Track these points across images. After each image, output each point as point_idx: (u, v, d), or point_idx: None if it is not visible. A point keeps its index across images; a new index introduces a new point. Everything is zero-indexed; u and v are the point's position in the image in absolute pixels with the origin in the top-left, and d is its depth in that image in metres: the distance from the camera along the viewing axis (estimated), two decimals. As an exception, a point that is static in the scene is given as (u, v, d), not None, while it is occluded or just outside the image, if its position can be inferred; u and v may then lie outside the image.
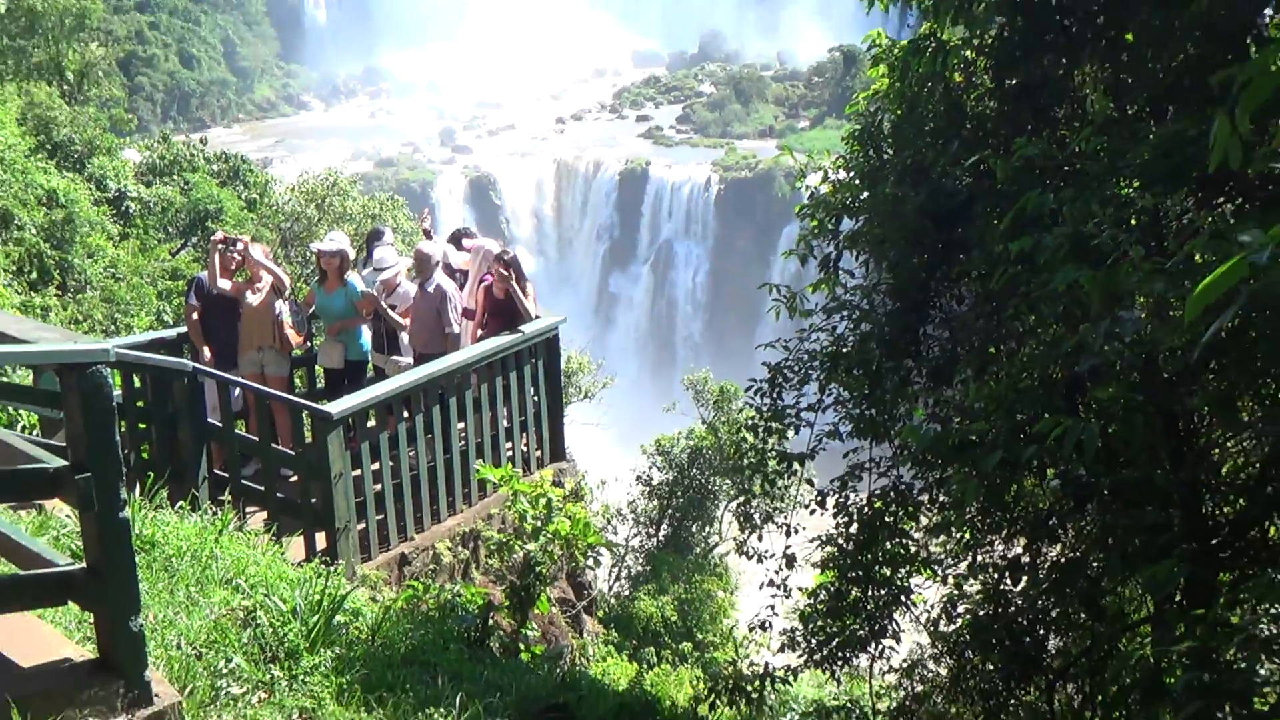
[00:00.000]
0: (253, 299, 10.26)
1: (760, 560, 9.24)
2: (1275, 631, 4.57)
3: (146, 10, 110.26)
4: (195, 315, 10.40)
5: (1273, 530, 5.58)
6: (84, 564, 4.34)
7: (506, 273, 10.39)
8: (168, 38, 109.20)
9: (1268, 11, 5.71)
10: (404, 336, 10.51)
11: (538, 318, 10.55)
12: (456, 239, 11.80)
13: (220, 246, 10.33)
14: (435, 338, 10.15)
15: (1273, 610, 4.64)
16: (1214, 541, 5.56)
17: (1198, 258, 4.41)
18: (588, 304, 78.06)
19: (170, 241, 25.99)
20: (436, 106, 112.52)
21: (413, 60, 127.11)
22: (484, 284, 10.66)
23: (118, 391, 5.02)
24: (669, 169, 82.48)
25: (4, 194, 21.17)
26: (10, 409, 10.29)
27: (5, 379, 9.01)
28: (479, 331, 10.57)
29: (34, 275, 20.89)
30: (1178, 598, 5.38)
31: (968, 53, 7.19)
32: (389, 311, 10.40)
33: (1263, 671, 4.48)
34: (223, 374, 9.17)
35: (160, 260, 24.38)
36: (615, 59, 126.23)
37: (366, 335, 10.63)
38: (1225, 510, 5.77)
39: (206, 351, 10.19)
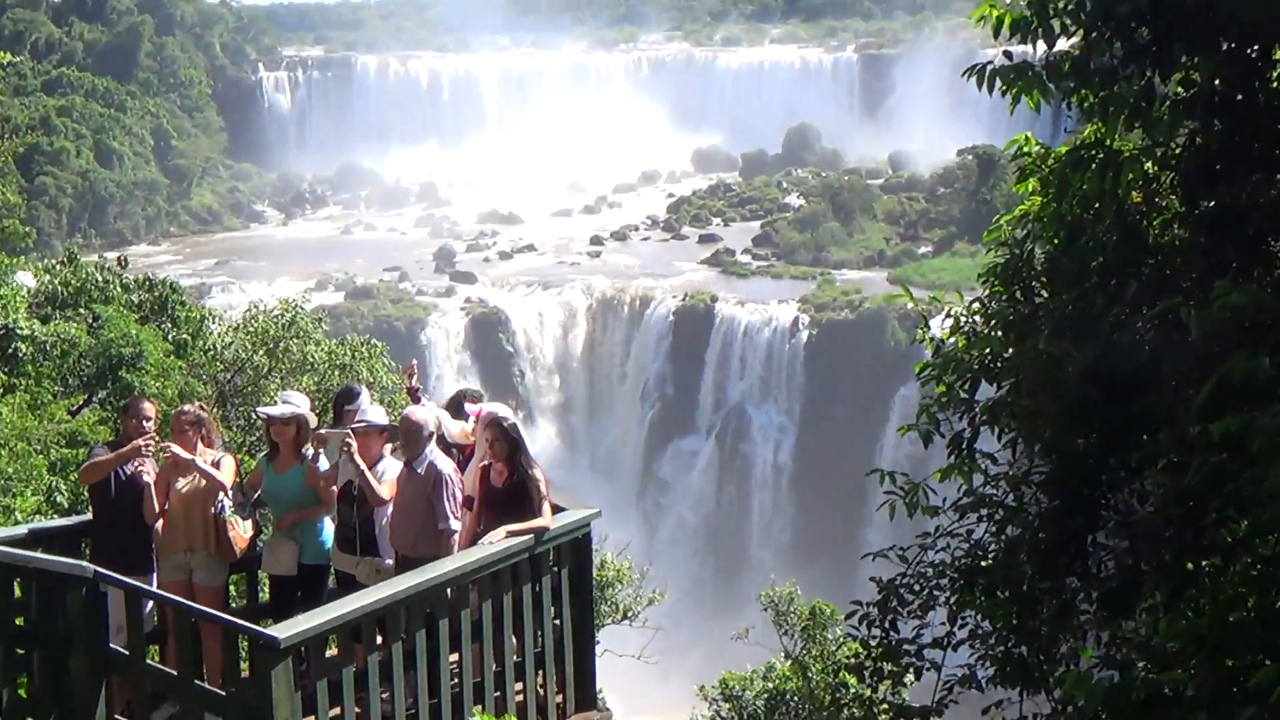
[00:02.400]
0: (181, 484, 10.36)
1: None
2: None
3: (55, 91, 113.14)
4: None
5: None
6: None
7: (498, 442, 10.36)
8: (82, 127, 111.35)
9: None
10: (383, 528, 10.53)
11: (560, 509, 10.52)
12: (457, 403, 11.87)
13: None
14: (425, 535, 10.13)
15: None
16: None
17: None
18: (629, 488, 77.66)
19: (70, 396, 26.21)
20: (432, 219, 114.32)
21: (403, 160, 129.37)
22: (485, 464, 10.66)
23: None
24: (742, 307, 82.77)
25: None
26: None
27: None
28: (477, 527, 10.53)
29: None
30: None
31: (1148, 166, 7.25)
32: (367, 473, 10.30)
33: None
34: (134, 583, 9.21)
35: (56, 421, 24.57)
36: (670, 159, 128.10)
37: (329, 529, 10.63)
38: None
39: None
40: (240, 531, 10.44)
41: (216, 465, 10.42)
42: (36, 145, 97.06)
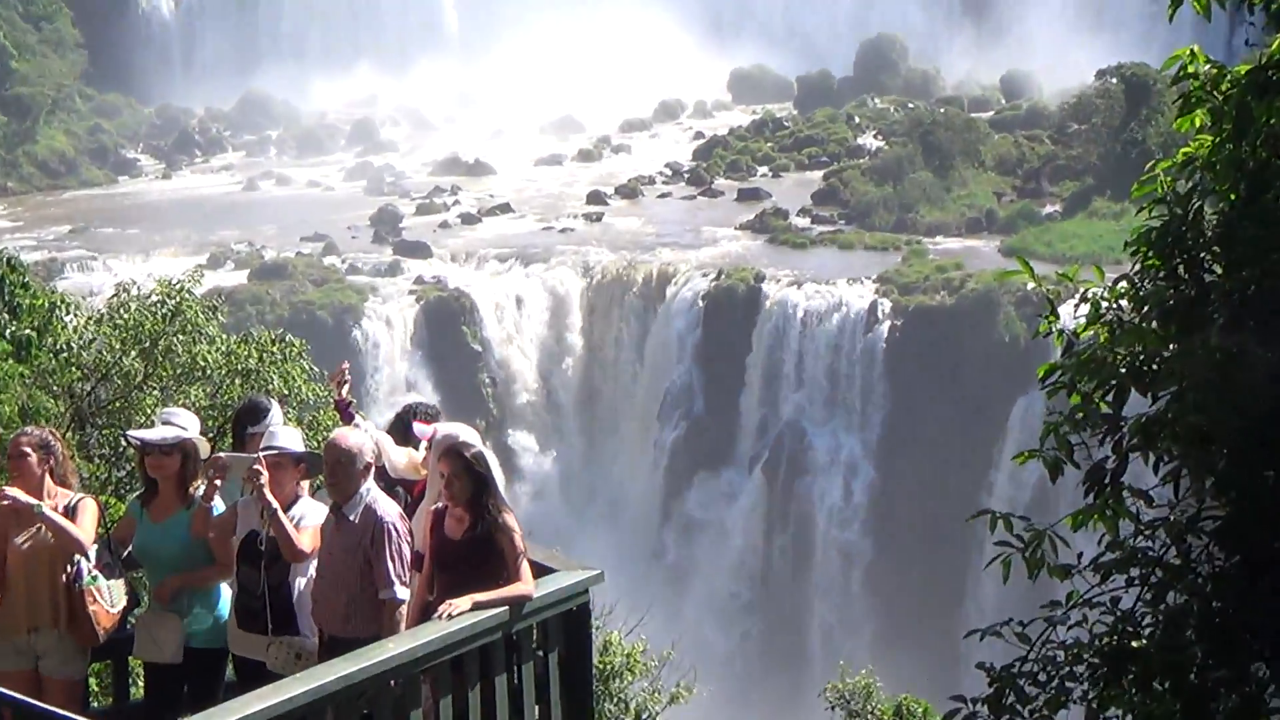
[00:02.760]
0: (22, 540, 10.35)
1: None
2: None
3: None
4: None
5: None
6: None
7: (458, 479, 10.32)
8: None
9: None
10: (302, 597, 10.54)
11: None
12: (403, 423, 11.88)
13: None
14: (360, 606, 10.15)
15: None
16: None
17: None
18: (642, 542, 77.82)
19: None
20: (369, 169, 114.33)
21: (328, 90, 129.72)
22: (437, 508, 10.59)
23: None
24: (798, 288, 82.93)
25: None
26: None
27: None
28: (429, 595, 10.53)
29: None
30: None
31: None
32: (282, 516, 10.29)
33: None
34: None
35: None
36: (699, 86, 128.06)
37: (227, 599, 10.62)
38: None
39: None
40: (105, 604, 10.39)
41: (71, 512, 10.37)
42: None
